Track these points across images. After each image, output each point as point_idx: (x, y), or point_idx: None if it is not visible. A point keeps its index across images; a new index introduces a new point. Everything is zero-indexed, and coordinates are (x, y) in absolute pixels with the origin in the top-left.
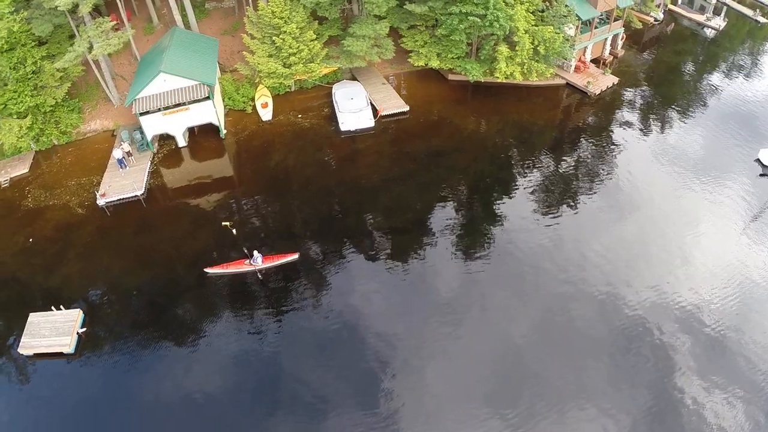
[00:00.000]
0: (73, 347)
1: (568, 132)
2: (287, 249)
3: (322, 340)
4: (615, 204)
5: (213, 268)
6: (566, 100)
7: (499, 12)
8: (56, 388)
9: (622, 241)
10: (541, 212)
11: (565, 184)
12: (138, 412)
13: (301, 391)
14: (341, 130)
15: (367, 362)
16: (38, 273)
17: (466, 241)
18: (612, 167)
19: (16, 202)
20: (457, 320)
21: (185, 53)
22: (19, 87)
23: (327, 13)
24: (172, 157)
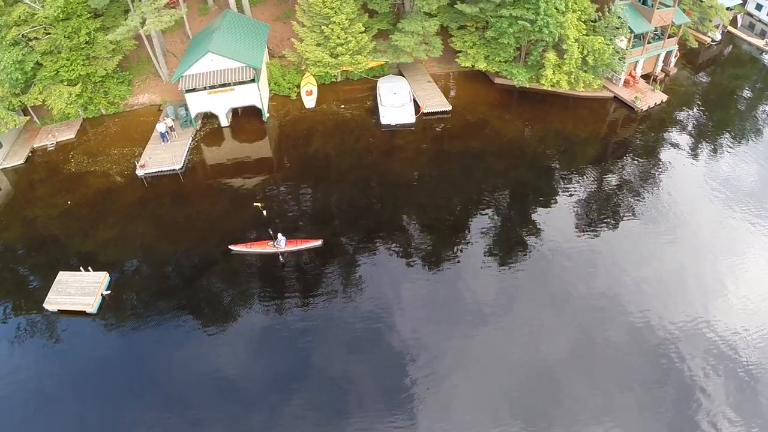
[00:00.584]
0: (96, 308)
1: (611, 146)
2: (314, 235)
3: (339, 331)
4: (655, 227)
5: (237, 246)
6: (612, 114)
7: (550, 18)
8: (74, 345)
9: (660, 267)
10: (578, 227)
11: (604, 201)
12: (148, 377)
13: (307, 374)
14: (382, 124)
15: (387, 360)
16: (73, 235)
17: (498, 247)
18: (655, 188)
19: (59, 166)
20: (485, 327)
21: (235, 35)
22: (72, 56)
23: (378, 7)
24: (213, 135)
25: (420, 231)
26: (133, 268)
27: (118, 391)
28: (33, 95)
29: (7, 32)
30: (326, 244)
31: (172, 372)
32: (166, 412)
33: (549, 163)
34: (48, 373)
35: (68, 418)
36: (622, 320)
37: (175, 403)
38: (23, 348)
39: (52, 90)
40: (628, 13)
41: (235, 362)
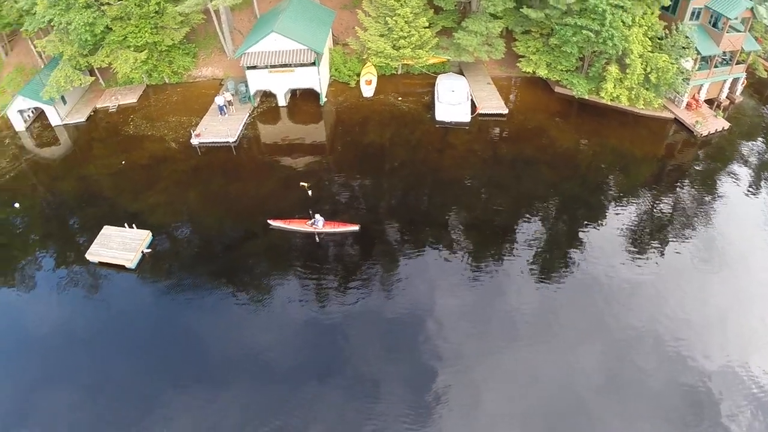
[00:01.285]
0: (135, 264)
1: (666, 169)
2: (355, 221)
3: (368, 321)
4: (704, 259)
5: (276, 221)
6: (671, 136)
7: (615, 30)
8: (110, 296)
9: (706, 302)
10: (625, 251)
11: (654, 225)
12: (174, 336)
13: (334, 359)
14: (436, 120)
15: (417, 356)
16: (122, 193)
17: (540, 259)
18: (707, 220)
19: (118, 127)
20: (518, 339)
21: (300, 18)
22: (141, 23)
23: (444, 4)
24: (269, 113)
25: (462, 232)
26: (176, 232)
27: (143, 344)
28: (100, 57)
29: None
30: (365, 232)
31: (198, 334)
32: (184, 370)
33: (601, 179)
34: (81, 317)
35: (89, 360)
36: (659, 353)
37: (195, 363)
38: (61, 292)
39: (118, 54)
40: (697, 34)
41: (261, 335)
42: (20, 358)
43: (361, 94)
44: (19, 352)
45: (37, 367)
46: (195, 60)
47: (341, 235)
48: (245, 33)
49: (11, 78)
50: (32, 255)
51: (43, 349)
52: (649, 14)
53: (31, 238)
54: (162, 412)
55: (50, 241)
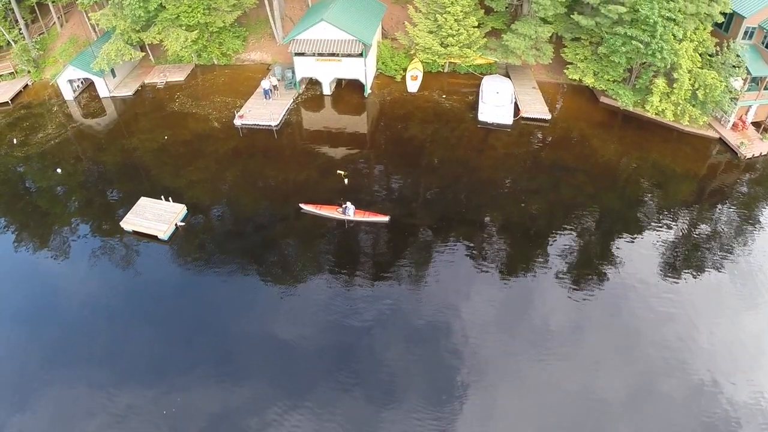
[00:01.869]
0: (167, 235)
1: (706, 189)
2: (385, 211)
3: (393, 315)
4: (742, 289)
5: (307, 205)
6: (713, 155)
7: (665, 43)
8: (140, 264)
9: (741, 333)
10: (659, 269)
11: (690, 246)
12: (198, 312)
13: (353, 357)
14: (479, 120)
15: (441, 360)
16: (162, 167)
17: (572, 270)
18: (748, 245)
19: (164, 103)
20: (544, 350)
21: (350, 10)
22: (194, 3)
23: (495, 5)
24: (314, 101)
25: (494, 234)
26: (211, 208)
27: (166, 316)
28: (152, 34)
29: None
30: (396, 224)
31: (221, 311)
32: (204, 346)
33: (640, 194)
34: (110, 284)
35: (112, 327)
36: (686, 376)
37: (212, 341)
38: (93, 257)
39: (170, 32)
40: (748, 54)
41: (285, 319)
42: (44, 319)
43: (405, 89)
44: (44, 313)
45: (59, 329)
46: (244, 43)
47: (371, 224)
48: (296, 20)
49: (64, 48)
50: (70, 220)
51: (68, 311)
52: (701, 30)
53: (70, 204)
54: (173, 387)
55: (88, 207)
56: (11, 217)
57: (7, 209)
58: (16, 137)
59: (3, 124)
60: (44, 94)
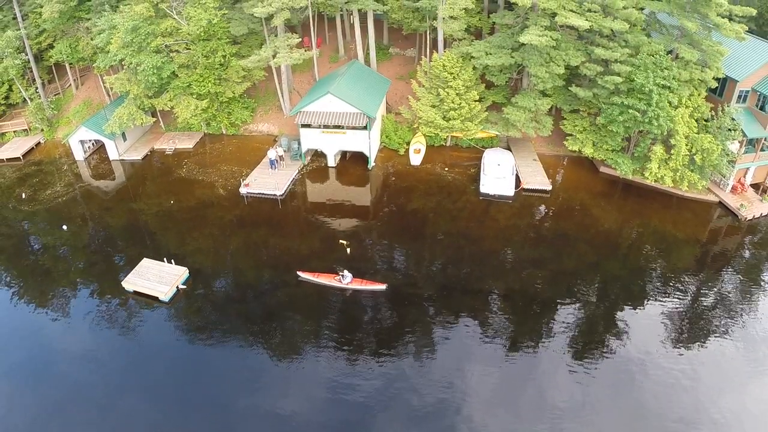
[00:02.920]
0: (168, 297)
1: (708, 254)
2: (387, 281)
3: (385, 390)
4: (746, 353)
5: (305, 273)
6: (714, 220)
7: (661, 111)
8: (139, 325)
9: (747, 399)
10: (664, 338)
11: (695, 314)
12: (192, 375)
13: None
14: (480, 192)
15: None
16: (167, 231)
17: (575, 342)
18: (751, 309)
19: (172, 169)
20: (547, 425)
21: (356, 83)
22: (206, 73)
23: (495, 79)
24: (318, 172)
25: (495, 305)
26: (212, 273)
27: (160, 378)
28: (164, 100)
29: (153, 40)
30: (396, 294)
31: (215, 376)
32: (191, 410)
33: (642, 261)
34: (107, 342)
35: (103, 384)
36: None
37: (204, 405)
38: (93, 315)
39: (181, 99)
40: (743, 117)
41: (276, 388)
42: (38, 378)
43: (408, 162)
44: (38, 370)
45: (51, 389)
46: (253, 114)
47: (371, 294)
48: (303, 93)
49: (78, 110)
50: (72, 277)
51: (62, 370)
52: (695, 95)
53: (73, 261)
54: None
55: (90, 266)
56: (14, 272)
57: (9, 263)
58: (25, 192)
59: (13, 178)
60: (55, 153)
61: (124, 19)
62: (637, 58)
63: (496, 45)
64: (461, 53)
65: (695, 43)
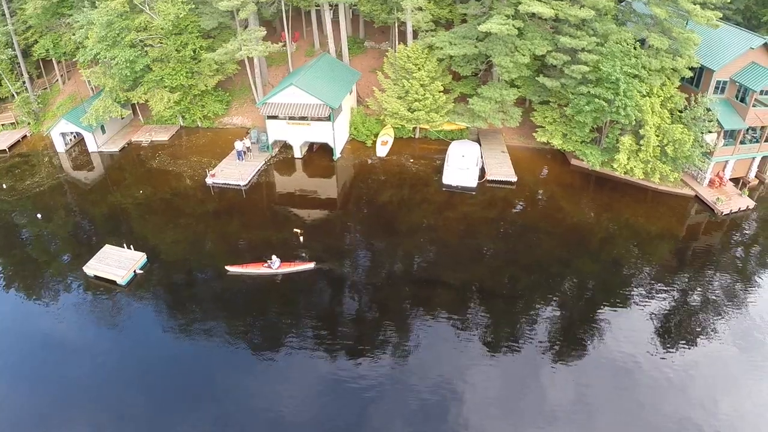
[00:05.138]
0: (125, 281)
1: (682, 248)
2: (337, 268)
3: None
4: (721, 353)
5: (234, 267)
6: (689, 213)
7: (629, 100)
8: (97, 307)
9: (734, 398)
10: (642, 337)
11: (663, 308)
12: (145, 357)
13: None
14: (443, 183)
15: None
16: (134, 218)
17: (518, 332)
18: (722, 307)
19: (146, 161)
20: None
21: (322, 75)
22: (178, 66)
23: (461, 70)
24: (284, 163)
25: (445, 296)
26: (171, 259)
27: (113, 358)
28: (138, 94)
29: (127, 35)
30: (348, 281)
31: (165, 361)
32: (137, 394)
33: (612, 256)
34: (63, 323)
35: (53, 361)
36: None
37: (150, 388)
38: (53, 297)
39: (155, 92)
40: (721, 107)
41: (220, 371)
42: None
43: (375, 154)
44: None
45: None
46: (227, 107)
47: (299, 274)
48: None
49: (63, 104)
50: (39, 262)
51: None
52: (668, 85)
53: (42, 247)
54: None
55: (58, 251)
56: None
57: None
58: (5, 183)
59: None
60: (39, 146)
61: (100, 14)
62: (604, 47)
63: (461, 35)
64: (426, 44)
65: (666, 30)
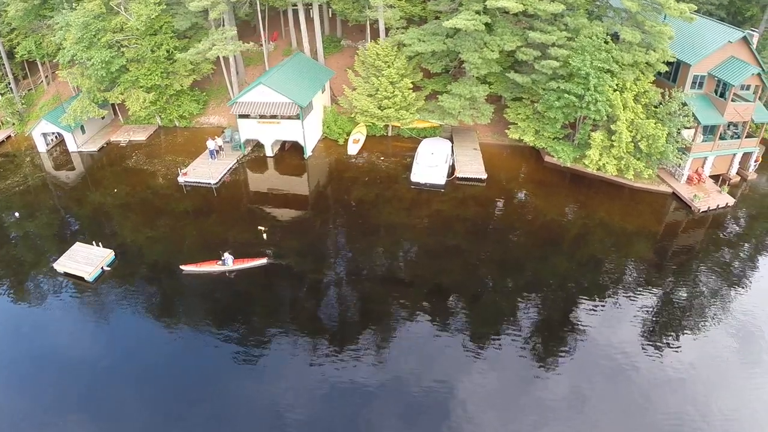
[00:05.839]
0: (93, 277)
1: (657, 247)
2: (300, 265)
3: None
4: (710, 348)
5: (187, 266)
6: (666, 211)
7: (599, 95)
8: (63, 302)
9: (714, 394)
10: (620, 336)
11: (634, 307)
12: (106, 351)
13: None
14: (411, 181)
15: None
16: (106, 216)
17: (474, 325)
18: (691, 307)
19: (122, 160)
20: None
21: (293, 74)
22: (153, 67)
23: (431, 67)
24: (256, 162)
25: (403, 293)
26: (139, 257)
27: (79, 351)
28: (115, 94)
29: (103, 36)
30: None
31: (128, 358)
32: (99, 389)
33: (585, 255)
34: (31, 317)
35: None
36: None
37: (102, 374)
38: (24, 293)
39: (131, 93)
40: (698, 103)
41: (179, 366)
42: None
43: (346, 152)
44: None
45: None
46: (204, 107)
47: (250, 270)
48: None
49: (45, 105)
50: (12, 259)
51: None
52: (642, 80)
53: (17, 245)
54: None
55: (31, 250)
56: None
57: None
58: None
59: None
60: (23, 146)
61: (76, 16)
62: (575, 41)
63: (431, 32)
64: (395, 41)
65: (639, 24)
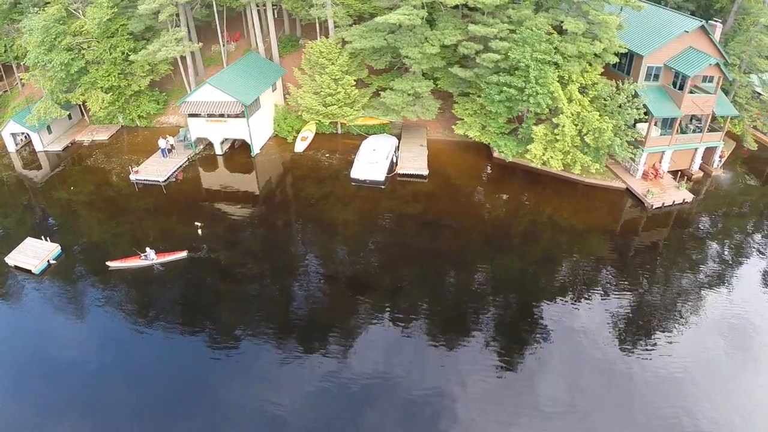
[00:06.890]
0: (39, 270)
1: (607, 243)
2: (230, 259)
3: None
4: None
5: (114, 262)
6: (619, 207)
7: (540, 87)
8: (10, 292)
9: (657, 393)
10: (566, 335)
11: (573, 306)
12: (50, 340)
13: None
14: (351, 177)
15: None
16: (60, 212)
17: (402, 321)
18: (640, 301)
19: (82, 159)
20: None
21: (241, 73)
22: (110, 68)
23: (374, 63)
24: (206, 160)
25: (328, 288)
26: (84, 250)
27: (22, 339)
28: (76, 95)
29: (63, 39)
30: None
31: (62, 346)
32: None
33: (527, 254)
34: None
35: None
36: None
37: (40, 363)
38: None
39: (91, 93)
40: (652, 94)
41: (118, 360)
42: None
43: (293, 149)
44: None
45: None
46: (164, 107)
47: (173, 263)
48: None
49: (17, 106)
50: None
51: None
52: (590, 72)
53: None
54: None
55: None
56: None
57: None
58: None
59: None
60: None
61: (38, 20)
62: (516, 33)
63: (373, 28)
64: (338, 38)
65: (584, 14)
